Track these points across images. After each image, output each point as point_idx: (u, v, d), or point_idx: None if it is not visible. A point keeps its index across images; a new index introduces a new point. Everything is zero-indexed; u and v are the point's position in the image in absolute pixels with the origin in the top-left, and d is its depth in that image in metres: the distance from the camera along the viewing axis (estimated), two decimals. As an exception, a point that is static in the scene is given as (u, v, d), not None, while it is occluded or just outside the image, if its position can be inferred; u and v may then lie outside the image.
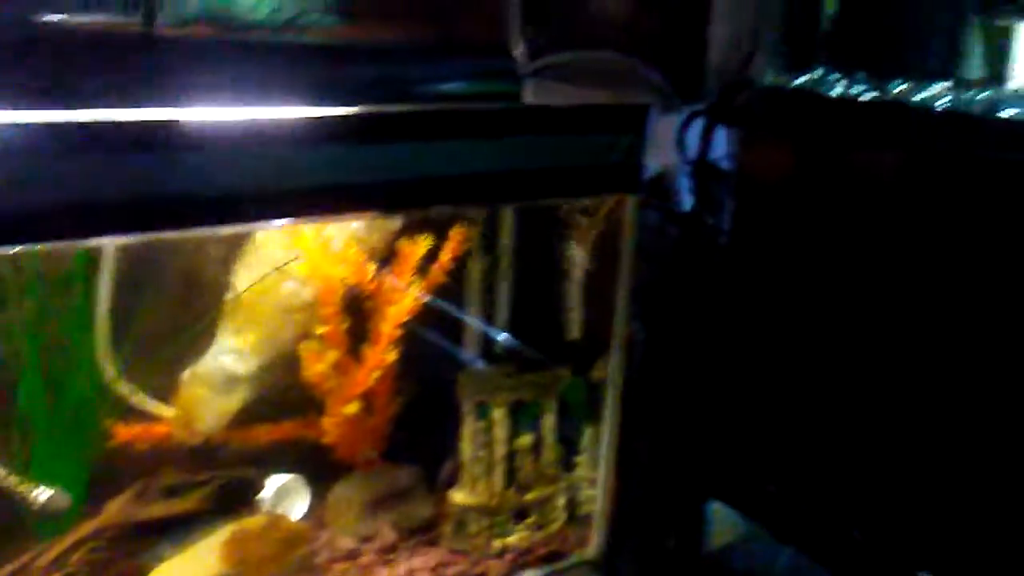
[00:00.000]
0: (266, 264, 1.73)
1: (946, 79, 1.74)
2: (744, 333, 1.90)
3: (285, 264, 1.72)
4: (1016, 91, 1.72)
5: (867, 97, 1.73)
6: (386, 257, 1.84)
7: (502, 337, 2.11)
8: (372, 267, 1.81)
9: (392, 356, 1.85)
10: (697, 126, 2.30)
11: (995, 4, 1.79)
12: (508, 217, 2.07)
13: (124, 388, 1.74)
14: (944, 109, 1.60)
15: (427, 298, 1.87)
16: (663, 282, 2.35)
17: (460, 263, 1.90)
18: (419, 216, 1.77)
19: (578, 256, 2.03)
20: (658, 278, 2.39)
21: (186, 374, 1.75)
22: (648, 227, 2.55)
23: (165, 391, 1.77)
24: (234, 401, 1.78)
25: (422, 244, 1.80)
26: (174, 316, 1.74)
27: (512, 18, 1.91)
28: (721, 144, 2.19)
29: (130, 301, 1.69)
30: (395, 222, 1.83)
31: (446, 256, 1.83)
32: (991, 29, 1.81)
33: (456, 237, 1.84)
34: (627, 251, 1.87)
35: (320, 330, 1.78)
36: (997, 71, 1.78)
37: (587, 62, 2.70)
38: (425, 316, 1.90)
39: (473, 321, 2.10)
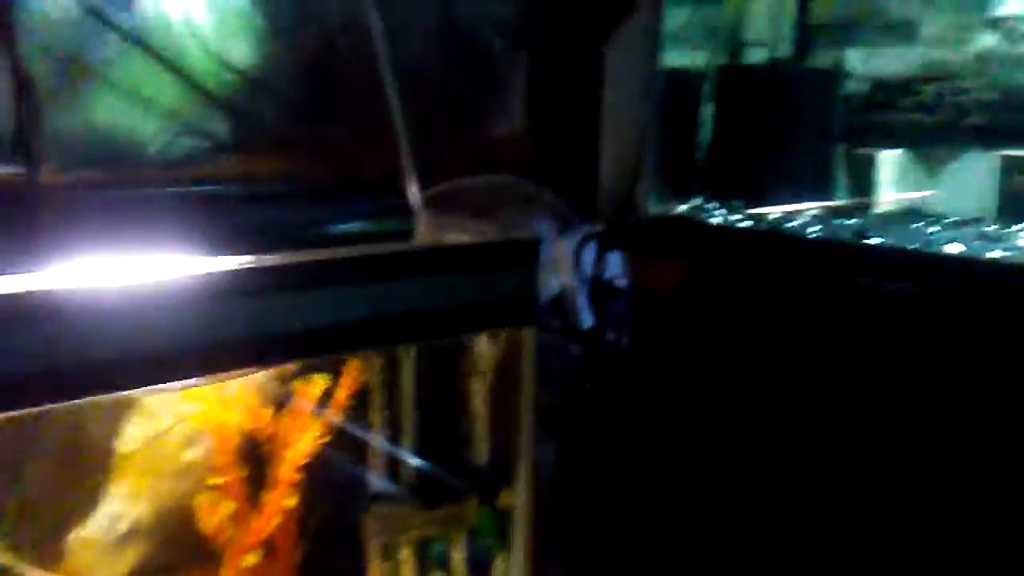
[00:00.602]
0: (156, 418, 1.69)
1: (818, 203, 1.86)
2: (646, 448, 1.93)
3: (173, 425, 1.69)
4: (881, 216, 1.84)
5: (745, 224, 1.83)
6: (282, 399, 1.82)
7: (408, 471, 2.08)
8: (268, 411, 1.78)
9: (292, 501, 1.81)
10: (592, 247, 2.39)
11: (858, 134, 1.93)
12: (408, 349, 2.07)
13: (5, 558, 1.66)
14: (815, 237, 1.70)
15: (327, 438, 1.84)
16: (568, 402, 2.39)
17: (360, 398, 1.89)
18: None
19: (481, 384, 2.04)
20: (563, 399, 2.43)
21: (73, 537, 1.68)
22: (550, 348, 2.60)
23: (52, 557, 1.68)
24: (126, 560, 1.71)
25: (318, 384, 1.78)
26: (59, 479, 1.67)
27: (403, 151, 1.95)
28: (616, 263, 2.26)
29: (10, 468, 1.62)
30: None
31: (343, 394, 1.82)
32: (856, 157, 1.94)
33: (352, 374, 1.83)
34: (528, 380, 1.88)
35: (215, 481, 1.74)
36: (863, 197, 1.90)
37: (484, 186, 2.77)
38: (326, 455, 1.87)
39: (377, 457, 2.08)
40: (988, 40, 1.96)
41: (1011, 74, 1.91)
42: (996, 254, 1.45)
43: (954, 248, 1.50)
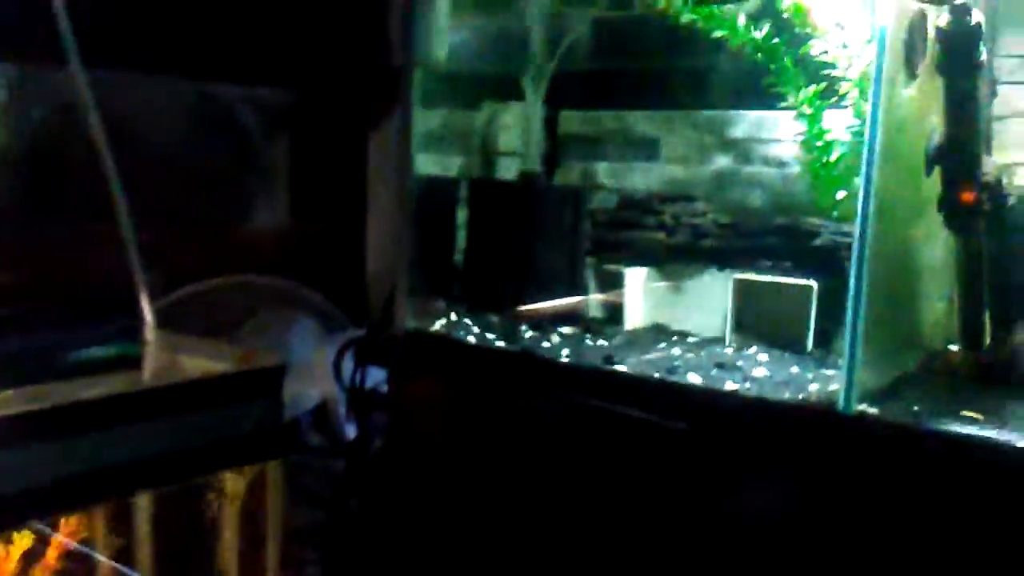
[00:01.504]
0: None
1: (572, 324, 1.88)
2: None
3: None
4: (629, 334, 1.88)
5: (500, 344, 1.80)
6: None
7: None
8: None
9: None
10: (352, 356, 2.30)
11: (604, 250, 1.97)
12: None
13: None
14: (566, 361, 1.70)
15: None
16: (333, 522, 2.27)
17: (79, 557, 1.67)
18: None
19: (231, 521, 1.87)
20: (328, 519, 2.30)
21: None
22: (311, 467, 2.47)
23: None
24: None
25: (18, 545, 1.55)
26: None
27: (133, 259, 1.75)
28: (378, 373, 2.18)
29: None
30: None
31: (54, 554, 1.60)
32: (605, 273, 1.97)
33: (68, 529, 1.62)
34: (274, 516, 1.74)
35: None
36: (613, 313, 1.94)
37: (236, 287, 2.61)
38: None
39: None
40: (722, 160, 2.09)
41: (745, 193, 2.03)
42: (733, 386, 1.50)
43: (694, 378, 1.54)
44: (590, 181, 2.18)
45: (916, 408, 1.38)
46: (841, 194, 1.77)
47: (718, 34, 1.82)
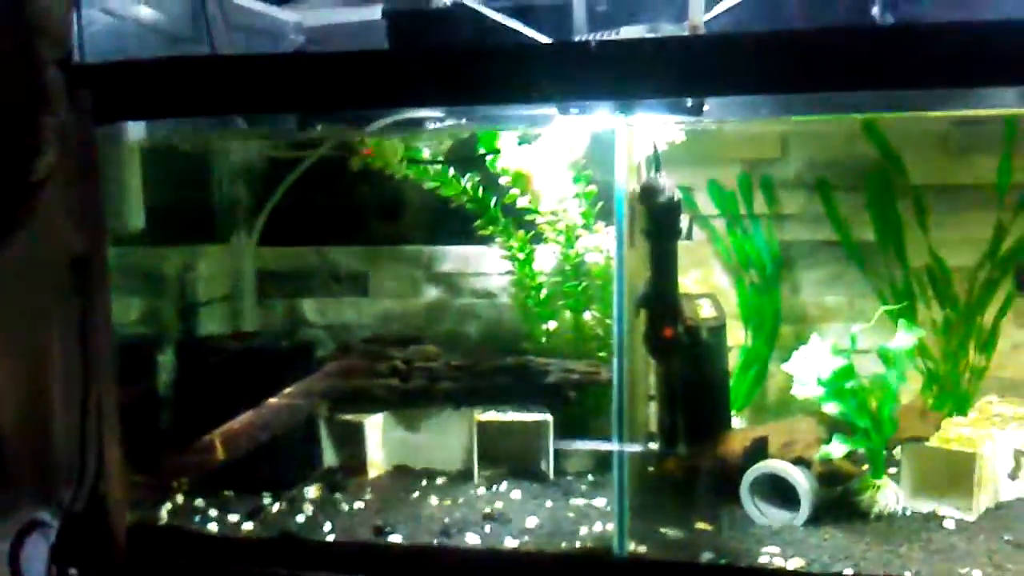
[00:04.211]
0: None
1: (317, 483, 1.82)
2: None
3: None
4: (378, 487, 1.86)
5: (245, 526, 1.69)
6: None
7: None
8: None
9: None
10: (39, 546, 1.95)
11: (338, 403, 1.94)
12: None
13: None
14: (327, 540, 1.64)
15: None
16: None
17: None
18: None
19: None
20: None
21: None
22: None
23: None
24: None
25: None
26: None
27: None
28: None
29: None
30: None
31: None
32: (342, 424, 1.94)
33: None
34: None
35: None
36: (354, 462, 1.92)
37: None
38: None
39: None
40: (433, 292, 2.16)
41: (459, 324, 2.13)
42: (514, 543, 1.57)
43: (472, 539, 1.58)
44: (296, 318, 2.16)
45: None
46: (552, 325, 1.95)
47: (430, 185, 1.92)
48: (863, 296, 1.97)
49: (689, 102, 1.50)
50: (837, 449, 1.63)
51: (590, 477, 1.86)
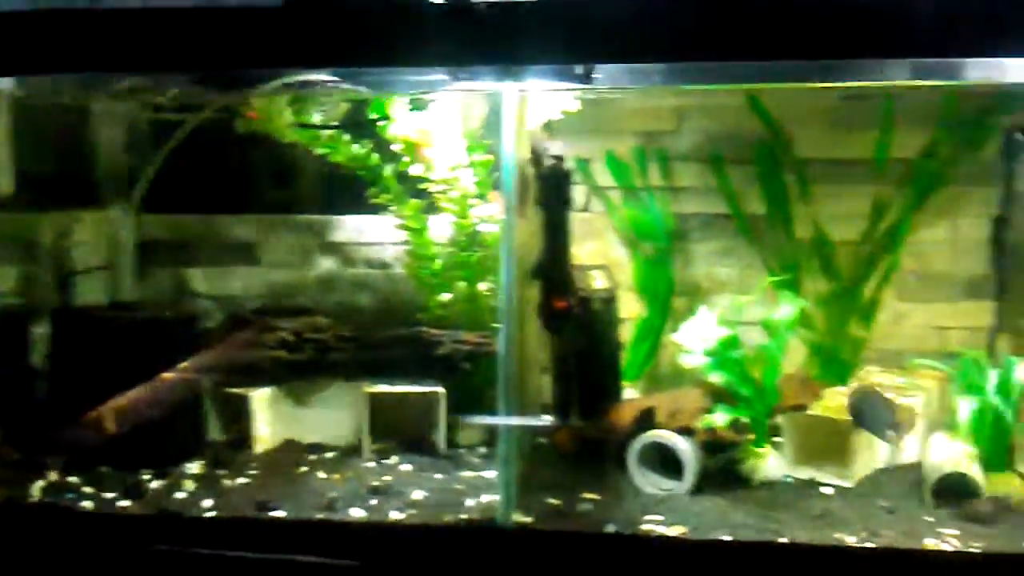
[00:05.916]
0: None
1: (200, 459, 1.76)
2: None
3: None
4: (264, 461, 1.82)
5: (125, 503, 1.61)
6: None
7: None
8: None
9: None
10: None
11: (225, 375, 1.87)
12: None
13: None
14: (215, 516, 1.59)
15: None
16: None
17: None
18: None
19: None
20: None
21: None
22: None
23: None
24: None
25: None
26: None
27: None
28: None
29: None
30: None
31: None
32: (229, 397, 1.87)
33: None
34: None
35: None
36: (242, 436, 1.86)
37: None
38: None
39: None
40: (325, 263, 2.11)
41: (353, 295, 2.08)
42: (399, 516, 1.54)
43: (357, 513, 1.55)
44: (184, 288, 2.08)
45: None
46: (446, 296, 1.92)
47: (320, 151, 1.87)
48: (753, 268, 1.99)
49: (579, 69, 1.50)
50: (720, 418, 1.65)
51: (482, 450, 1.84)
